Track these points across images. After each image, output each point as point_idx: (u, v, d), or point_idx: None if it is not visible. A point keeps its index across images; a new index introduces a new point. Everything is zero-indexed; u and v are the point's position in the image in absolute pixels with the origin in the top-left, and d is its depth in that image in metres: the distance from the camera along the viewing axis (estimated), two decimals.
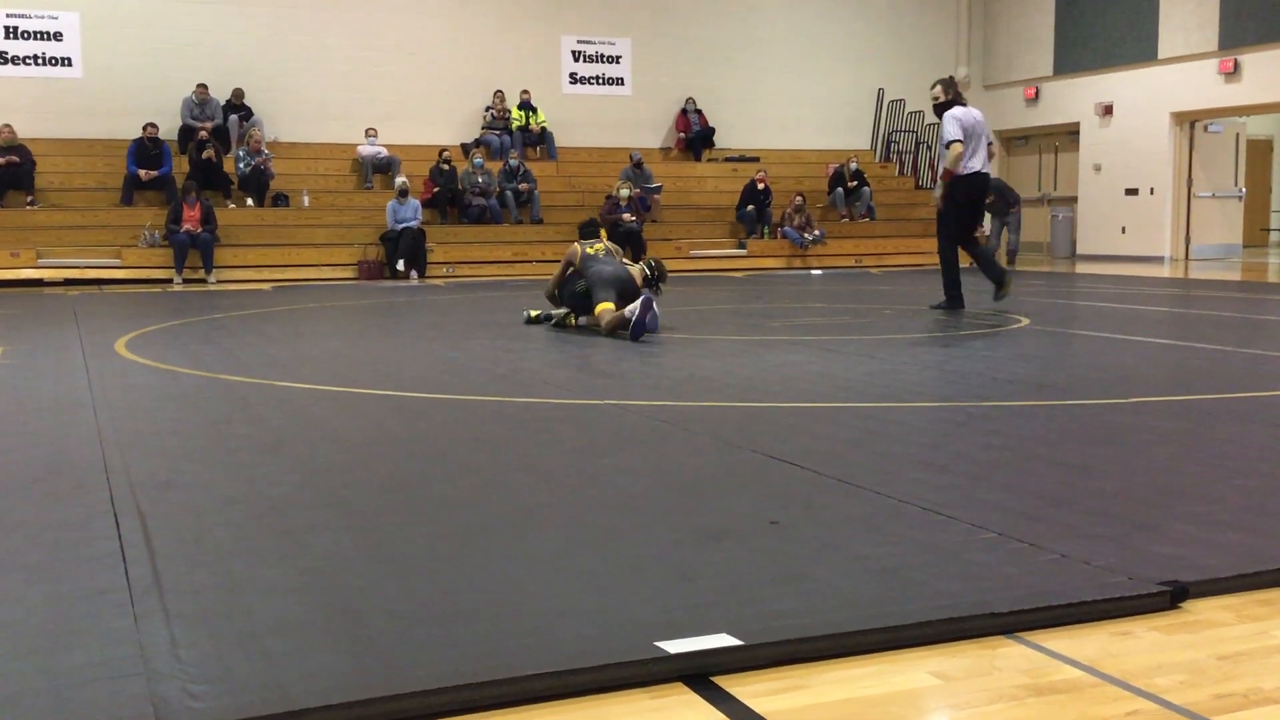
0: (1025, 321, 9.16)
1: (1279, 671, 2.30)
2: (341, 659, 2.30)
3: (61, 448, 4.45)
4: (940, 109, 10.32)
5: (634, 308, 8.09)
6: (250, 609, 2.60)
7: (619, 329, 8.21)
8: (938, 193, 10.36)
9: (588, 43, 19.85)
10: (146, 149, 15.99)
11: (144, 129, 15.99)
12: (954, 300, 10.44)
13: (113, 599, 2.67)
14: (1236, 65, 18.40)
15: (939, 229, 10.47)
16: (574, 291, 8.77)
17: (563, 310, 8.93)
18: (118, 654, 2.33)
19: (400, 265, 15.58)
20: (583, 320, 8.85)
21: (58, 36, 16.91)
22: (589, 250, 8.90)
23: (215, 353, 7.47)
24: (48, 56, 16.87)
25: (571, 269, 8.92)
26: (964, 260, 10.66)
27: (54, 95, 16.80)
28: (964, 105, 10.26)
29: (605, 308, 8.44)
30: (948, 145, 10.06)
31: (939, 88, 10.34)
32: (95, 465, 4.09)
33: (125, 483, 3.80)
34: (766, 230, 18.23)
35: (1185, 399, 5.50)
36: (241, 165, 16.39)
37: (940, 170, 10.32)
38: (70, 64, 16.97)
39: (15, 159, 15.39)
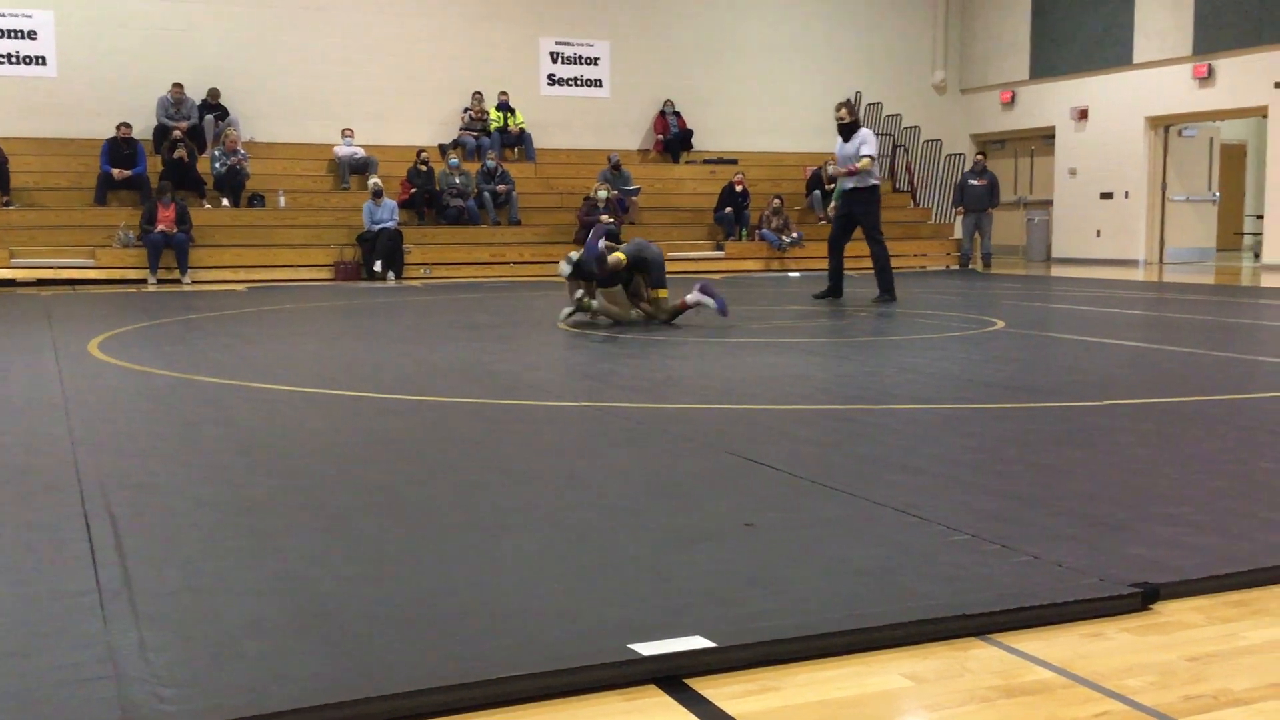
0: (1000, 324, 9.20)
1: (1248, 673, 2.32)
2: (314, 661, 2.29)
3: (32, 449, 4.41)
4: (849, 129, 11.47)
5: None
6: (222, 611, 2.58)
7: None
8: (835, 199, 11.90)
9: (566, 44, 19.84)
10: (120, 148, 15.88)
11: (117, 128, 15.88)
12: (888, 294, 11.56)
13: (82, 601, 2.65)
14: (1210, 70, 18.55)
15: (875, 238, 11.62)
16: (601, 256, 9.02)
17: (579, 294, 9.04)
18: (87, 657, 2.31)
19: (377, 266, 15.53)
20: (595, 302, 8.95)
21: (32, 35, 16.78)
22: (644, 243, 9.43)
23: (189, 354, 7.43)
24: (21, 55, 16.73)
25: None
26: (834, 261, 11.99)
27: (28, 94, 16.67)
28: (863, 126, 11.60)
29: (620, 257, 8.93)
30: (862, 157, 11.33)
31: (844, 110, 11.63)
32: (66, 466, 4.06)
33: (96, 484, 3.77)
34: (744, 232, 18.26)
35: (1158, 401, 5.54)
36: (217, 165, 16.30)
37: (846, 170, 11.55)
38: (44, 63, 16.84)
39: None
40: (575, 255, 9.13)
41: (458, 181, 17.13)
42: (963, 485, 3.76)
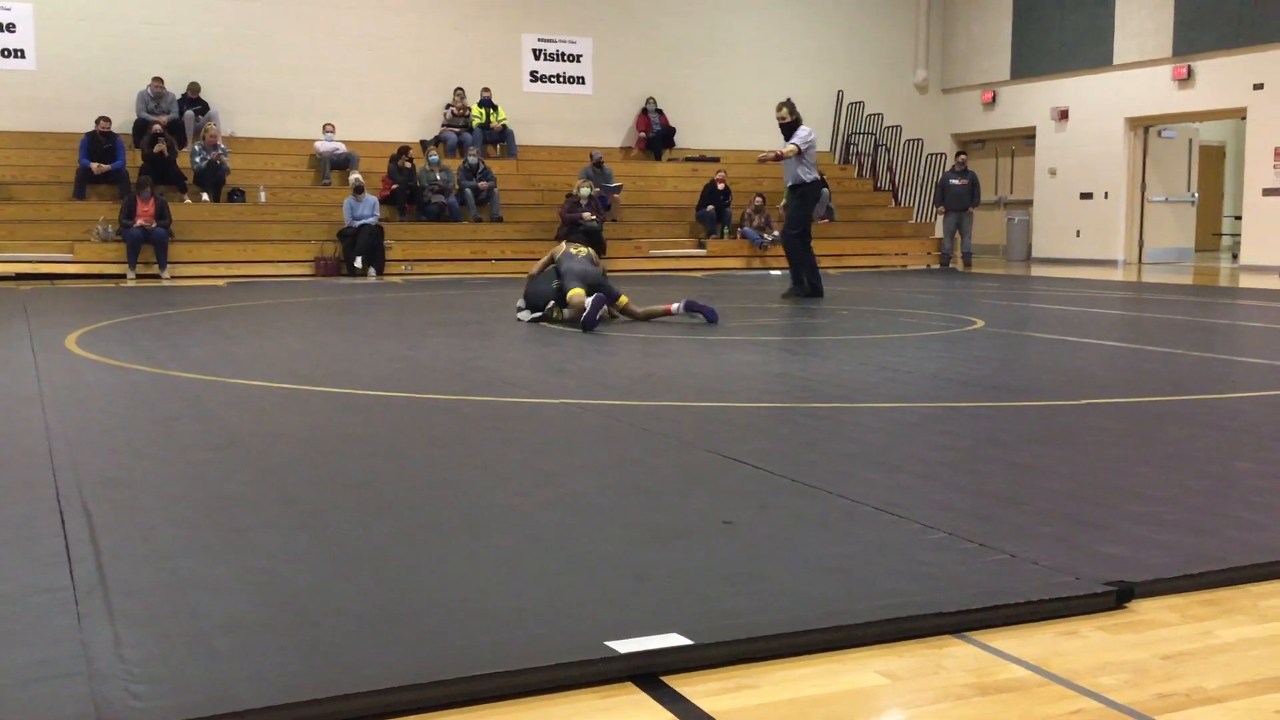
0: (980, 323, 9.24)
1: (1221, 671, 2.33)
2: (289, 658, 2.28)
3: (8, 444, 4.38)
4: (789, 128, 11.74)
5: (588, 301, 8.64)
6: (197, 608, 2.57)
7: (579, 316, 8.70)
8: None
9: (549, 41, 19.81)
10: (99, 142, 15.79)
11: (96, 122, 15.78)
12: (801, 286, 11.78)
13: (56, 598, 2.63)
14: (1190, 72, 18.65)
15: (794, 229, 11.81)
16: (550, 288, 9.17)
17: (549, 305, 9.13)
18: (60, 653, 2.30)
19: (358, 262, 15.48)
20: (567, 312, 9.02)
21: (10, 28, 16.67)
22: (570, 249, 9.39)
23: (167, 349, 7.39)
24: (0, 48, 16.61)
25: (552, 264, 9.40)
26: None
27: (6, 87, 16.56)
28: (803, 125, 11.77)
29: (578, 293, 8.89)
30: (789, 145, 11.57)
31: (785, 110, 11.88)
32: (42, 462, 4.03)
33: (72, 480, 3.75)
34: (726, 230, 18.27)
35: (1136, 401, 5.57)
36: (197, 160, 16.22)
37: (773, 156, 11.86)
38: (23, 55, 16.73)
39: None
40: (521, 303, 9.39)
41: (439, 178, 17.09)
42: (940, 483, 3.78)
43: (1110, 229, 20.11)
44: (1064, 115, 20.79)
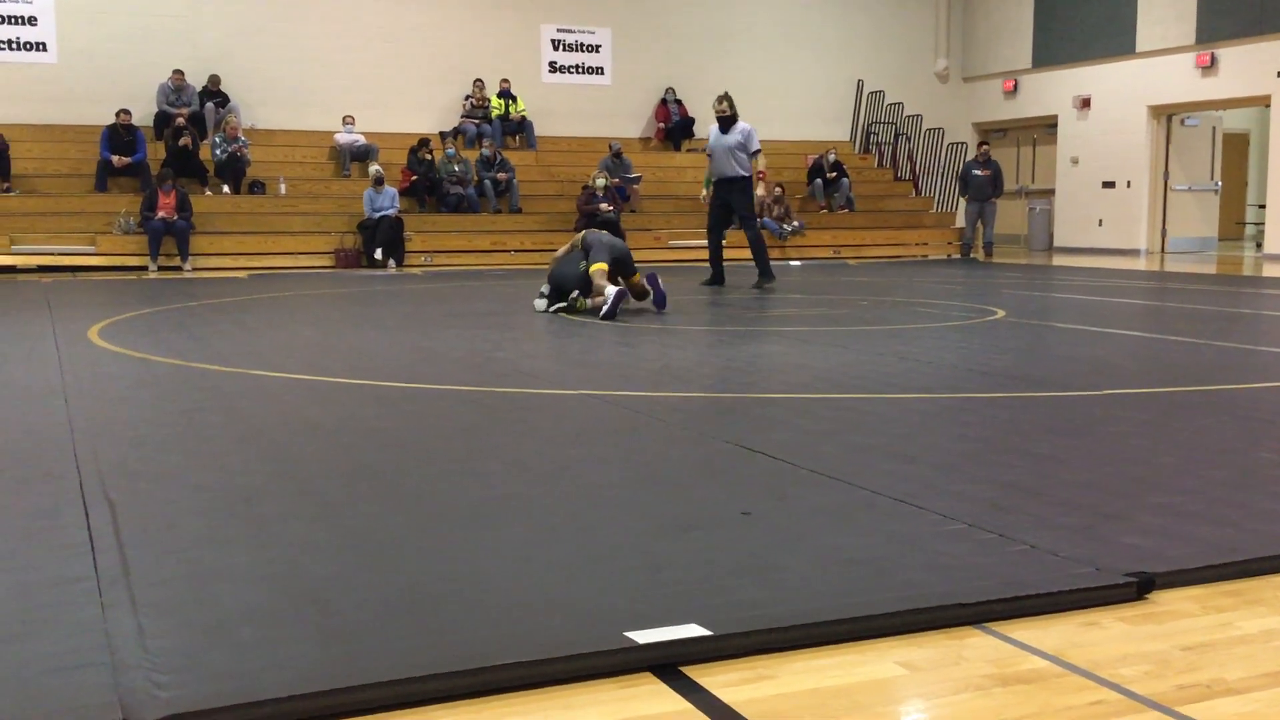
0: (1001, 314, 9.20)
1: (1242, 662, 2.32)
2: (309, 648, 2.30)
3: (31, 436, 4.42)
4: (728, 121, 11.84)
5: (610, 292, 8.65)
6: (219, 598, 2.59)
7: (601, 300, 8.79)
8: (760, 191, 12.33)
9: (568, 31, 19.79)
10: (120, 135, 15.85)
11: (117, 115, 15.84)
12: (768, 275, 11.91)
13: (80, 588, 2.66)
14: (1213, 59, 18.50)
15: (750, 222, 12.07)
16: (577, 274, 9.11)
17: (573, 295, 9.12)
18: (84, 643, 2.32)
19: (378, 254, 15.52)
20: (590, 302, 9.02)
21: (32, 21, 16.74)
22: (594, 230, 9.54)
23: (189, 341, 7.43)
24: (22, 41, 16.69)
25: (575, 249, 9.35)
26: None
27: (28, 81, 16.64)
28: (740, 119, 11.83)
29: (601, 268, 8.92)
30: (754, 154, 11.82)
31: (725, 104, 11.99)
32: (65, 453, 4.06)
33: (95, 471, 3.78)
34: None
35: (1157, 391, 5.54)
36: (218, 152, 16.27)
37: (753, 173, 12.00)
38: (45, 49, 16.80)
39: None
40: (545, 289, 9.35)
41: (458, 169, 17.11)
42: (959, 474, 3.77)
43: (1133, 218, 19.98)
44: (1086, 104, 20.65)
